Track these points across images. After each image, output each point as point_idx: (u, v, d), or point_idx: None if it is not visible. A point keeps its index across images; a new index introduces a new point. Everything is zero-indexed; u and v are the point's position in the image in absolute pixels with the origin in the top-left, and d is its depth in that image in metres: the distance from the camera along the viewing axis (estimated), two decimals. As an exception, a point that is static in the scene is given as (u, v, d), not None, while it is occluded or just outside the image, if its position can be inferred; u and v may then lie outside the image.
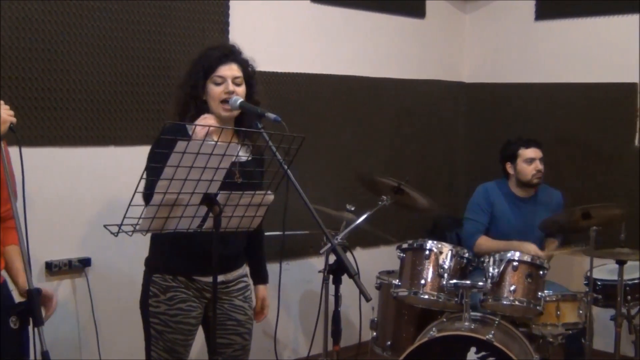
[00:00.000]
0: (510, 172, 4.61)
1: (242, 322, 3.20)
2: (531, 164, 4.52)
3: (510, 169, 4.61)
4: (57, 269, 3.88)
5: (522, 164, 4.54)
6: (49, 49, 3.79)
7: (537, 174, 4.53)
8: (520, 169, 4.54)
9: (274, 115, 2.91)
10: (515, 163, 4.56)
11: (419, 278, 3.99)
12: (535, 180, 4.55)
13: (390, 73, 5.40)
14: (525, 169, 4.53)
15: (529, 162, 4.53)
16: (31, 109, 3.75)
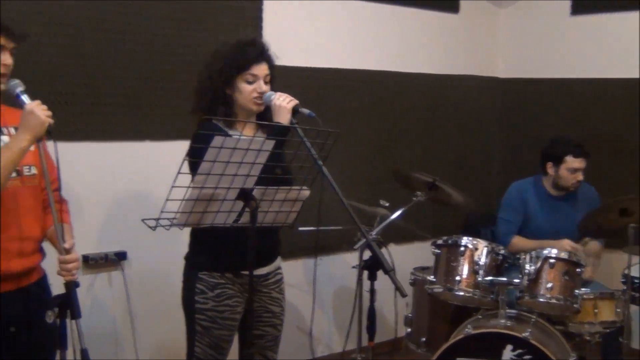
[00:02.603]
0: (549, 172, 4.49)
1: (277, 314, 3.23)
2: (574, 174, 4.41)
3: (550, 169, 4.48)
4: (94, 263, 3.91)
5: (565, 171, 4.41)
6: (84, 45, 3.82)
7: (576, 184, 4.45)
8: (562, 174, 4.42)
9: (308, 111, 2.92)
10: (559, 167, 4.43)
11: (454, 274, 3.96)
12: (572, 188, 4.47)
13: (424, 68, 5.37)
14: (566, 177, 4.42)
15: (573, 171, 4.41)
16: (67, 104, 3.78)
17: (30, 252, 2.66)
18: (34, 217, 2.67)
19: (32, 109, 2.52)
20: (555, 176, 4.46)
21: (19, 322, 2.66)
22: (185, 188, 2.47)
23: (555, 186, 4.50)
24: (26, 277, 2.68)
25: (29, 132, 2.51)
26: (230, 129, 3.03)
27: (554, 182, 4.49)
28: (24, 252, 2.65)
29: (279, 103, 2.93)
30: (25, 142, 2.51)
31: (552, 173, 4.48)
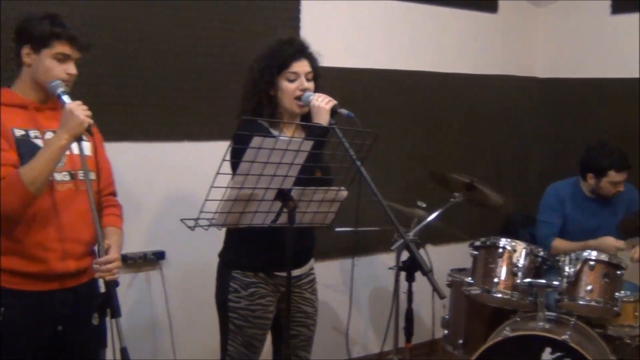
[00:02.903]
0: (589, 181, 4.39)
1: (310, 314, 3.24)
2: (615, 186, 4.34)
3: (591, 179, 4.38)
4: (132, 262, 3.95)
5: (607, 184, 4.32)
6: (124, 47, 3.86)
7: (617, 193, 4.38)
8: (603, 186, 4.34)
9: (346, 111, 2.92)
10: (600, 179, 4.33)
11: (492, 276, 3.93)
12: (612, 197, 4.41)
13: (462, 68, 5.34)
14: (607, 188, 4.34)
15: (614, 184, 4.33)
16: (107, 104, 3.82)
17: (79, 254, 2.70)
18: (86, 221, 2.70)
19: (71, 109, 2.56)
20: (596, 186, 4.38)
21: (66, 322, 2.72)
22: (224, 188, 2.48)
23: (593, 193, 4.42)
24: (74, 278, 2.73)
25: (68, 131, 2.56)
26: (274, 129, 3.04)
27: (593, 190, 4.41)
28: (73, 254, 2.70)
29: (318, 104, 2.94)
30: (64, 140, 2.56)
31: (592, 183, 4.39)
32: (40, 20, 2.67)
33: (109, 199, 2.93)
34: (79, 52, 2.71)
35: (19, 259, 2.63)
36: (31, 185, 2.51)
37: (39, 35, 2.65)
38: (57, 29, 2.65)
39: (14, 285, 2.65)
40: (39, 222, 2.63)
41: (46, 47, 2.65)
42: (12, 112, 2.67)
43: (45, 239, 2.65)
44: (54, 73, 2.65)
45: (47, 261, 2.65)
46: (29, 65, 2.69)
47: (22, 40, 2.69)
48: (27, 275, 2.65)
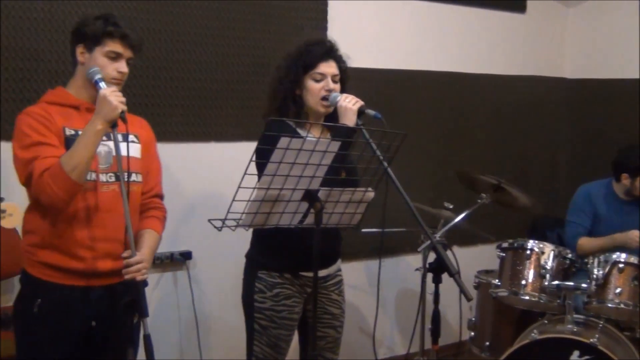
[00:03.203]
0: (624, 182, 4.35)
1: (337, 316, 3.23)
2: None
3: (626, 180, 4.33)
4: (160, 262, 3.97)
5: None
6: (152, 47, 3.88)
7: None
8: (639, 186, 4.31)
9: (374, 112, 2.91)
10: (635, 179, 4.29)
11: (519, 278, 3.91)
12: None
13: (490, 69, 5.31)
14: None
15: None
16: (134, 105, 3.82)
17: (117, 255, 2.72)
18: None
19: (105, 94, 2.60)
20: (631, 187, 4.33)
21: (101, 318, 2.75)
22: (251, 189, 2.49)
23: (628, 194, 4.37)
24: (112, 277, 2.75)
25: (102, 116, 2.58)
26: (301, 129, 3.04)
27: (627, 191, 4.36)
28: (112, 254, 2.72)
29: (345, 104, 2.93)
30: (99, 126, 2.58)
31: (627, 184, 4.34)
32: (95, 19, 2.72)
33: (154, 201, 2.94)
34: (131, 50, 2.75)
35: (59, 254, 2.68)
36: (72, 172, 2.54)
37: (92, 33, 2.70)
38: (110, 27, 2.69)
39: (51, 278, 2.70)
40: (80, 221, 2.67)
41: (98, 45, 2.70)
42: (64, 111, 2.72)
43: (86, 238, 2.68)
44: (105, 71, 2.70)
45: (85, 259, 2.69)
46: (83, 63, 2.73)
47: (77, 39, 2.75)
48: (65, 270, 2.69)
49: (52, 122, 2.66)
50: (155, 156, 2.97)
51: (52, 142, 2.63)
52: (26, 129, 2.63)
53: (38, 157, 2.58)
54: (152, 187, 2.93)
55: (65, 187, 2.55)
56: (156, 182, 2.96)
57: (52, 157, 2.58)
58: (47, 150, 2.60)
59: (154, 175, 2.95)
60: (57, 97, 2.76)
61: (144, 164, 2.86)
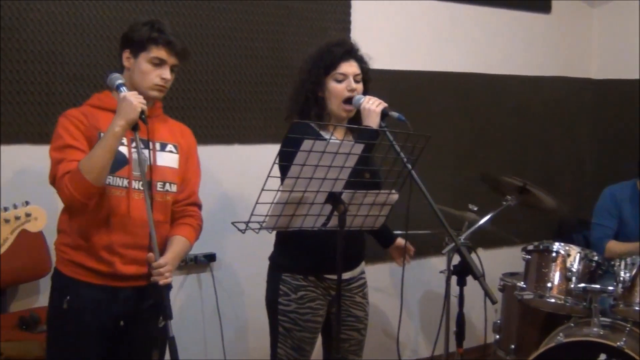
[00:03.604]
0: None
1: (361, 318, 3.22)
2: None
3: None
4: (184, 264, 3.98)
5: None
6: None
7: None
8: None
9: (397, 114, 2.90)
10: None
11: (545, 281, 3.88)
12: None
13: (514, 70, 5.28)
14: None
15: None
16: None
17: (144, 260, 2.73)
18: (158, 231, 2.74)
19: (125, 96, 2.62)
20: None
21: (129, 318, 2.78)
22: (274, 191, 2.48)
23: None
24: (139, 280, 2.77)
25: (122, 117, 2.60)
26: (324, 131, 3.04)
27: None
28: (138, 260, 2.74)
29: (368, 106, 2.92)
30: (118, 127, 2.60)
31: None
32: (142, 25, 2.76)
33: (188, 209, 2.94)
34: (175, 58, 2.78)
35: (88, 257, 2.72)
36: (88, 174, 2.56)
37: (138, 39, 2.73)
38: (155, 33, 2.73)
39: (81, 277, 2.74)
40: (111, 226, 2.71)
41: (143, 50, 2.73)
42: (104, 115, 2.74)
43: (114, 243, 2.71)
44: (149, 77, 2.73)
45: (113, 264, 2.72)
46: (128, 68, 2.77)
47: (124, 44, 2.79)
48: (95, 271, 2.73)
49: (88, 126, 2.69)
50: (195, 165, 2.99)
51: (81, 147, 2.66)
52: (61, 131, 2.68)
53: (65, 159, 2.62)
54: (189, 196, 2.94)
55: (81, 189, 2.57)
56: (193, 191, 2.97)
57: (77, 161, 2.61)
58: (74, 153, 2.64)
59: (192, 184, 2.96)
60: (101, 102, 2.79)
61: (181, 174, 2.87)
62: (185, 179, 2.90)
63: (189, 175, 2.93)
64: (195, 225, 2.96)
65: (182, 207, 2.91)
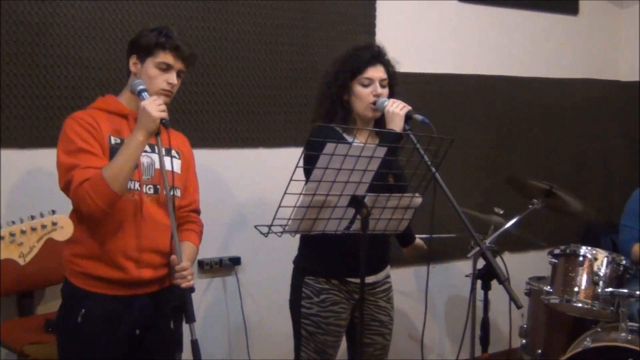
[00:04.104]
0: None
1: (385, 323, 3.21)
2: None
3: None
4: (209, 267, 4.00)
5: None
6: (200, 53, 3.90)
7: None
8: None
9: (421, 117, 2.89)
10: None
11: (572, 285, 3.84)
12: None
13: (541, 72, 5.24)
14: None
15: None
16: (182, 112, 3.88)
17: (156, 265, 2.76)
18: (165, 233, 2.75)
19: (144, 106, 2.62)
20: None
21: (144, 326, 2.77)
22: (297, 195, 2.48)
23: None
24: (152, 285, 2.78)
25: (143, 127, 2.61)
26: (348, 135, 3.03)
27: None
28: (151, 264, 2.75)
29: (392, 110, 2.91)
30: (140, 137, 2.61)
31: None
32: (150, 31, 2.77)
33: (191, 216, 2.96)
34: (182, 63, 2.78)
35: (102, 265, 2.70)
36: (113, 183, 2.56)
37: (145, 44, 2.74)
38: (162, 38, 2.73)
39: (94, 288, 2.72)
40: (123, 231, 2.70)
41: (150, 55, 2.74)
42: (112, 119, 2.75)
43: (127, 248, 2.70)
44: (155, 82, 2.73)
45: (126, 269, 2.71)
46: (135, 74, 2.78)
47: (132, 50, 2.80)
48: (108, 280, 2.71)
49: (98, 130, 2.68)
50: (194, 173, 2.99)
51: (95, 151, 2.65)
52: (71, 134, 2.66)
53: (79, 165, 2.60)
54: (190, 202, 2.95)
55: (105, 197, 2.57)
56: (194, 198, 2.98)
57: (93, 168, 2.60)
58: (88, 159, 2.62)
59: (192, 191, 2.96)
60: (107, 105, 2.79)
61: (183, 179, 2.88)
62: (187, 186, 2.92)
63: (190, 183, 2.94)
64: (199, 232, 2.97)
65: (185, 213, 2.92)
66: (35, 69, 3.54)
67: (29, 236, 2.29)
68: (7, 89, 3.49)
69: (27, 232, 2.28)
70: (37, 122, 3.55)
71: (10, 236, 2.26)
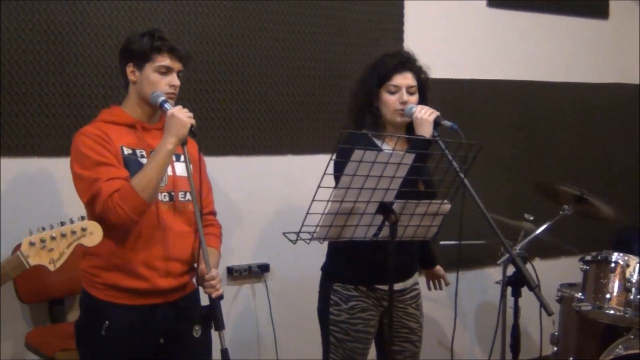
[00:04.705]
0: None
1: (414, 330, 3.19)
2: None
3: None
4: (238, 274, 4.01)
5: None
6: (229, 62, 3.94)
7: None
8: None
9: (450, 123, 2.87)
10: None
11: (603, 292, 3.80)
12: None
13: (571, 77, 5.19)
14: None
15: None
16: (211, 119, 3.91)
17: (178, 272, 2.76)
18: (185, 240, 2.76)
19: (173, 113, 2.62)
20: None
21: (168, 335, 2.76)
22: (325, 202, 2.48)
23: None
24: (175, 292, 2.78)
25: (173, 134, 2.61)
26: (377, 141, 3.03)
27: None
28: (174, 273, 2.75)
29: (421, 115, 2.90)
30: (170, 144, 2.61)
31: None
32: (141, 36, 2.74)
33: (208, 218, 2.95)
34: (180, 63, 2.76)
35: (124, 276, 2.69)
36: (143, 192, 2.57)
37: (140, 50, 2.71)
38: (157, 42, 2.71)
39: (118, 300, 2.70)
40: (144, 241, 2.69)
41: (148, 61, 2.71)
42: (121, 130, 2.73)
43: (150, 257, 2.70)
44: (158, 86, 2.71)
45: (150, 279, 2.70)
46: (134, 82, 2.75)
47: (126, 58, 2.76)
48: (130, 291, 2.70)
49: (109, 142, 2.67)
50: (205, 175, 2.95)
51: (113, 162, 2.64)
52: (84, 149, 2.64)
53: (101, 177, 2.59)
54: (206, 205, 2.93)
55: (135, 207, 2.57)
56: (209, 200, 2.97)
57: (120, 179, 2.60)
58: (109, 170, 2.61)
59: (206, 194, 2.94)
60: (113, 116, 2.77)
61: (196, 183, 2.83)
62: (200, 189, 2.86)
63: (203, 186, 2.87)
64: (218, 234, 2.96)
65: (202, 216, 2.86)
66: (66, 78, 3.57)
67: (59, 242, 2.31)
68: (38, 98, 3.53)
69: (57, 239, 2.31)
70: (67, 131, 3.58)
71: (41, 242, 2.29)
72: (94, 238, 2.38)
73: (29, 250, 2.28)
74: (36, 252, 2.28)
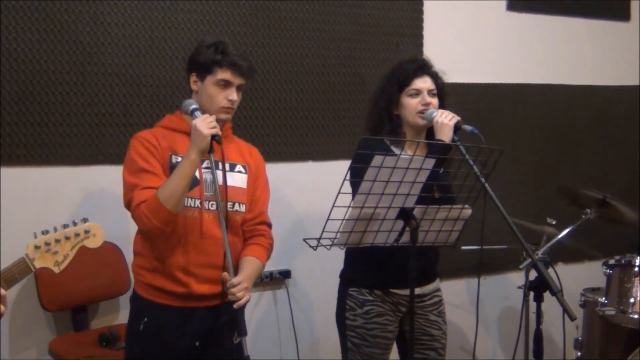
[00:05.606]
0: None
1: (437, 337, 3.16)
2: None
3: None
4: (259, 281, 4.01)
5: None
6: (250, 69, 3.95)
7: None
8: None
9: (470, 127, 2.87)
10: None
11: (627, 296, 3.77)
12: None
13: (592, 80, 5.16)
14: None
15: None
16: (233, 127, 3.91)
17: (216, 280, 2.77)
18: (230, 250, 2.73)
19: (195, 124, 2.65)
20: None
21: (204, 338, 2.80)
22: (345, 208, 2.48)
23: None
24: (213, 299, 2.80)
25: (195, 146, 2.64)
26: (396, 147, 3.03)
27: None
28: (211, 280, 2.78)
29: (441, 120, 2.90)
30: (192, 156, 2.63)
31: None
32: (207, 48, 2.79)
33: (258, 229, 2.95)
34: (241, 78, 2.80)
35: (164, 278, 2.76)
36: (167, 202, 2.60)
37: (203, 62, 2.77)
38: (219, 56, 2.75)
39: (157, 299, 2.78)
40: (185, 247, 2.74)
41: (209, 73, 2.76)
42: (175, 137, 2.79)
43: (189, 264, 2.74)
44: (216, 100, 2.76)
45: (186, 284, 2.75)
46: (196, 92, 2.81)
47: (191, 68, 2.83)
48: (170, 293, 2.76)
49: (158, 149, 2.73)
50: (263, 184, 2.98)
51: (155, 171, 2.70)
52: (134, 154, 2.73)
53: (139, 185, 2.66)
54: (258, 215, 2.94)
55: (160, 217, 2.62)
56: (262, 211, 2.97)
57: (151, 189, 2.64)
58: (149, 178, 2.68)
59: (261, 204, 2.96)
60: (172, 123, 2.84)
61: (249, 194, 2.89)
62: (254, 199, 2.92)
63: (258, 195, 2.94)
64: (265, 245, 2.95)
65: (252, 226, 2.92)
66: (88, 88, 3.61)
67: (63, 245, 2.35)
68: (60, 107, 3.57)
69: (61, 241, 2.34)
70: (89, 139, 3.61)
71: (46, 245, 2.32)
72: (96, 240, 2.42)
73: (35, 254, 2.32)
74: (41, 255, 2.32)
